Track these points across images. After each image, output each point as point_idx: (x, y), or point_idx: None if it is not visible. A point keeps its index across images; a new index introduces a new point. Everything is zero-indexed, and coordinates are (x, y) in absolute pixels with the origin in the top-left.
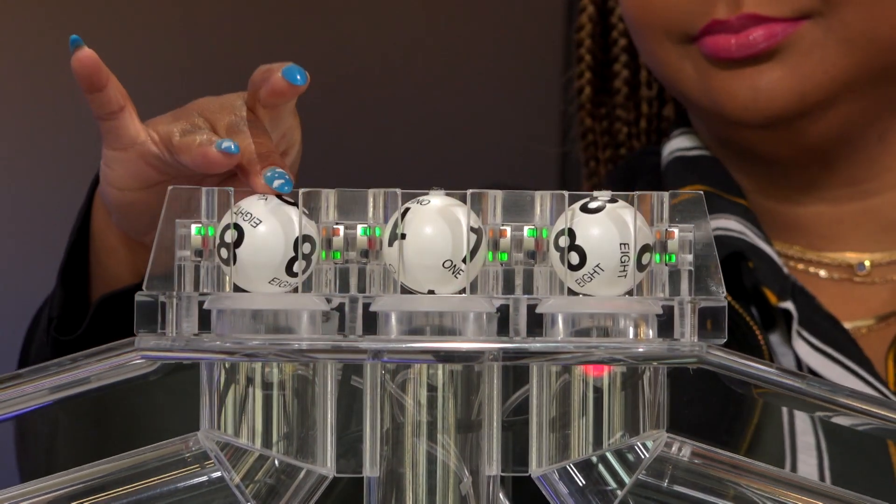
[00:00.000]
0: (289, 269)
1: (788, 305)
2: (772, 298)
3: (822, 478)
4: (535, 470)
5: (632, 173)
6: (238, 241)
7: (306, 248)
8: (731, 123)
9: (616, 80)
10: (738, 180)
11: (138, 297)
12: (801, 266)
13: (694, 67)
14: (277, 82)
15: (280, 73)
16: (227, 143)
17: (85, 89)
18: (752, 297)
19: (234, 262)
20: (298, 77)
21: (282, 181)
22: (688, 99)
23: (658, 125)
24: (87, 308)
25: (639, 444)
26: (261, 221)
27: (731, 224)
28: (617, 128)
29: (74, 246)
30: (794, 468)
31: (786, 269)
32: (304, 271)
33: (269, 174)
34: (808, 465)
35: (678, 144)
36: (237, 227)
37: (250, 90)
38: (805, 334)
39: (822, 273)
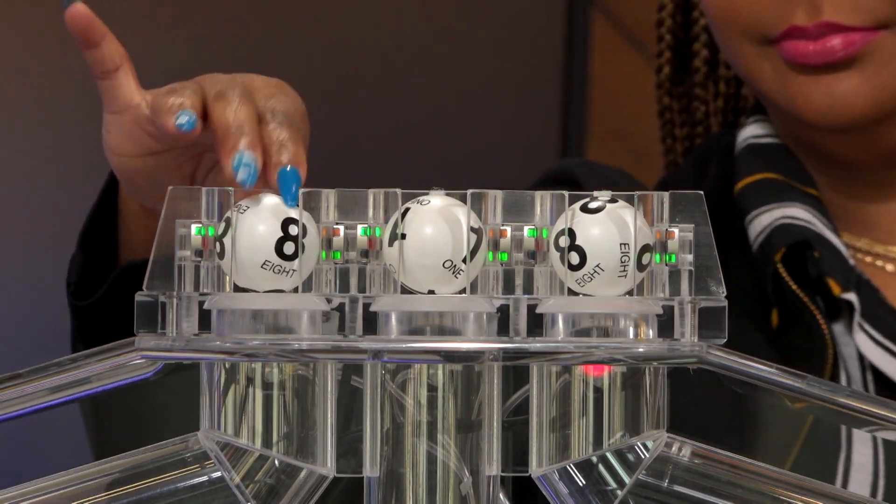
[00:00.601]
0: (279, 252)
1: (851, 297)
2: (835, 289)
3: (875, 468)
4: (535, 470)
5: (709, 152)
6: (227, 231)
7: (293, 229)
8: (807, 126)
9: (696, 60)
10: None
11: (138, 296)
12: (868, 259)
13: (772, 68)
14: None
15: (231, 163)
16: (182, 118)
17: (79, 45)
18: (816, 287)
19: (226, 254)
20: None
21: (244, 176)
22: (765, 97)
23: (735, 105)
24: (109, 273)
25: (639, 444)
26: (248, 207)
27: (798, 213)
28: (695, 106)
29: (99, 210)
30: (848, 458)
31: (852, 261)
32: (298, 257)
33: (235, 161)
34: (863, 455)
35: (752, 132)
36: (227, 219)
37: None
38: (867, 327)
39: (889, 267)
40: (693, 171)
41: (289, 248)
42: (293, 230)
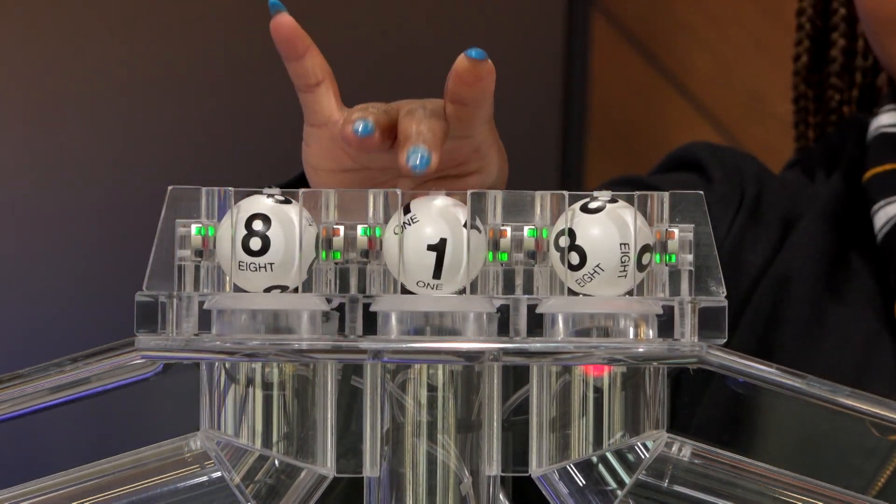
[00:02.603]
0: (246, 249)
1: None
2: None
3: None
4: (535, 470)
5: (842, 138)
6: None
7: (257, 224)
8: None
9: (833, 49)
10: None
11: (138, 296)
12: None
13: None
14: (459, 62)
15: (405, 154)
16: (358, 124)
17: (283, 57)
18: None
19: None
20: (474, 53)
21: (415, 159)
22: None
23: (870, 94)
24: None
25: (639, 444)
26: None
27: None
28: (829, 95)
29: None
30: None
31: None
32: (266, 251)
33: (409, 150)
34: None
35: (886, 120)
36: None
37: (444, 89)
38: None
39: None
40: (825, 157)
41: (255, 244)
42: (257, 225)
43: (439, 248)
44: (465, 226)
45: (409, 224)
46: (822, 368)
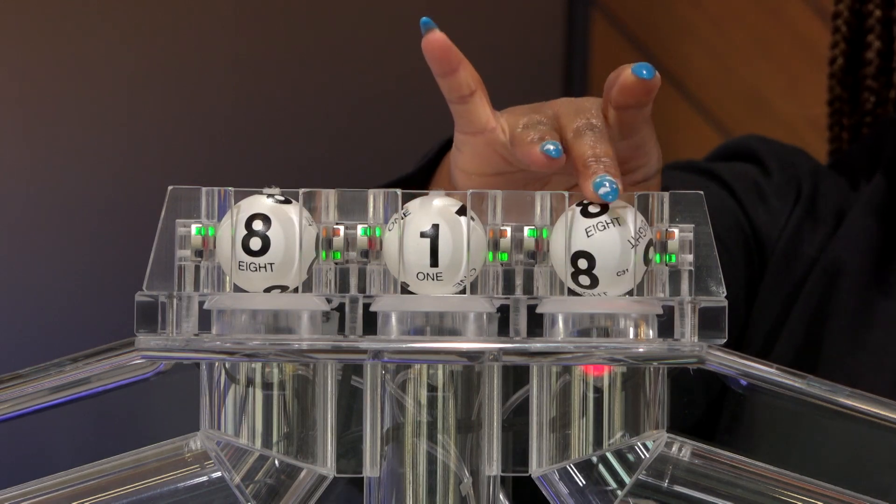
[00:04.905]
0: (246, 249)
1: None
2: None
3: None
4: (535, 470)
5: (881, 138)
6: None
7: (257, 224)
8: None
9: (869, 51)
10: None
11: (138, 297)
12: None
13: None
14: (626, 77)
15: (630, 69)
16: (549, 146)
17: (436, 72)
18: None
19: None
20: (645, 72)
21: (606, 189)
22: None
23: None
24: None
25: (639, 444)
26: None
27: None
28: (865, 97)
29: None
30: None
31: None
32: (266, 251)
33: (596, 180)
34: None
35: None
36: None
37: (604, 95)
38: None
39: None
40: (864, 159)
41: (255, 244)
42: (257, 225)
43: (432, 234)
44: (458, 213)
45: (402, 219)
46: (869, 360)
